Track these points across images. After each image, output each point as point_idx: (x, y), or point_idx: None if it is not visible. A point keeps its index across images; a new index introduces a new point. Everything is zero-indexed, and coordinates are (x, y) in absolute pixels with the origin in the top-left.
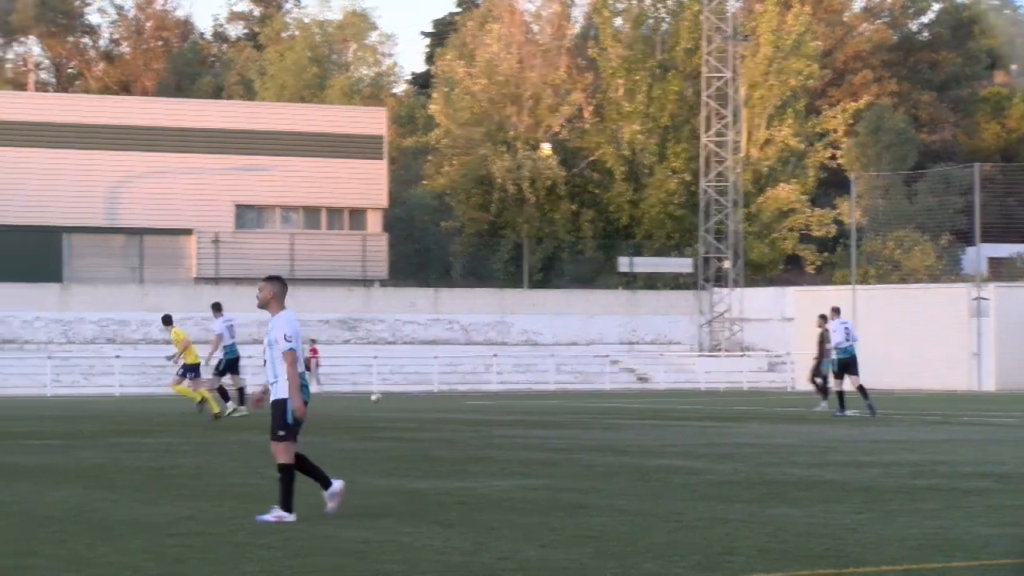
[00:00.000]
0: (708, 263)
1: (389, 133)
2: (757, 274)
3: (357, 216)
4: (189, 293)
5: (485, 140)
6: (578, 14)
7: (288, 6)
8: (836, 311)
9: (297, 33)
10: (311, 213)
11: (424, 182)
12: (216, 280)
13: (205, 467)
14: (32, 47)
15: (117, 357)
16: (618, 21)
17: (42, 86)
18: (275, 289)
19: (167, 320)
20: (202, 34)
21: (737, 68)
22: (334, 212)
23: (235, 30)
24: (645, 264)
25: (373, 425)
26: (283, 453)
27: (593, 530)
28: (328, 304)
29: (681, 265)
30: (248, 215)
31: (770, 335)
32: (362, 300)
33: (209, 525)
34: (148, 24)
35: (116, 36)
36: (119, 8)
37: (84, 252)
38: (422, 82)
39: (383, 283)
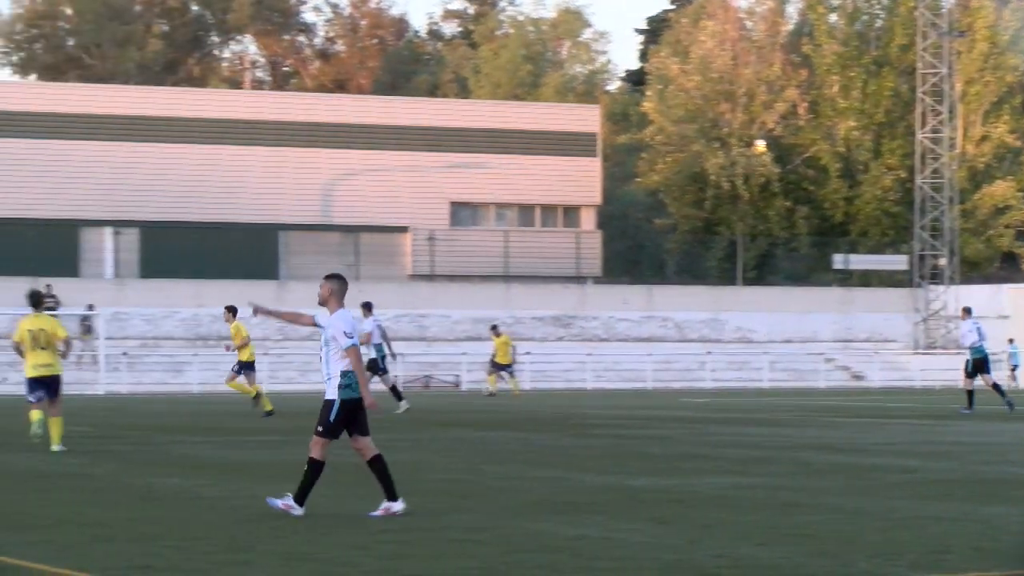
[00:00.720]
0: (923, 260)
1: (603, 130)
2: (972, 271)
3: (571, 213)
4: (404, 290)
5: (699, 137)
6: (792, 10)
7: (503, 4)
8: (967, 311)
9: (511, 31)
10: (525, 210)
11: (638, 179)
12: (431, 277)
13: (420, 463)
14: (248, 46)
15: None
16: (833, 17)
17: (258, 84)
18: (334, 287)
19: (232, 310)
20: (417, 32)
21: (952, 64)
22: (548, 209)
23: (450, 28)
24: (860, 261)
25: (588, 422)
26: (317, 448)
27: (808, 528)
28: (542, 301)
29: (896, 262)
30: (463, 212)
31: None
32: (576, 297)
33: (424, 520)
34: (363, 22)
35: (331, 34)
36: (334, 6)
37: (300, 249)
38: (636, 79)
39: (597, 280)
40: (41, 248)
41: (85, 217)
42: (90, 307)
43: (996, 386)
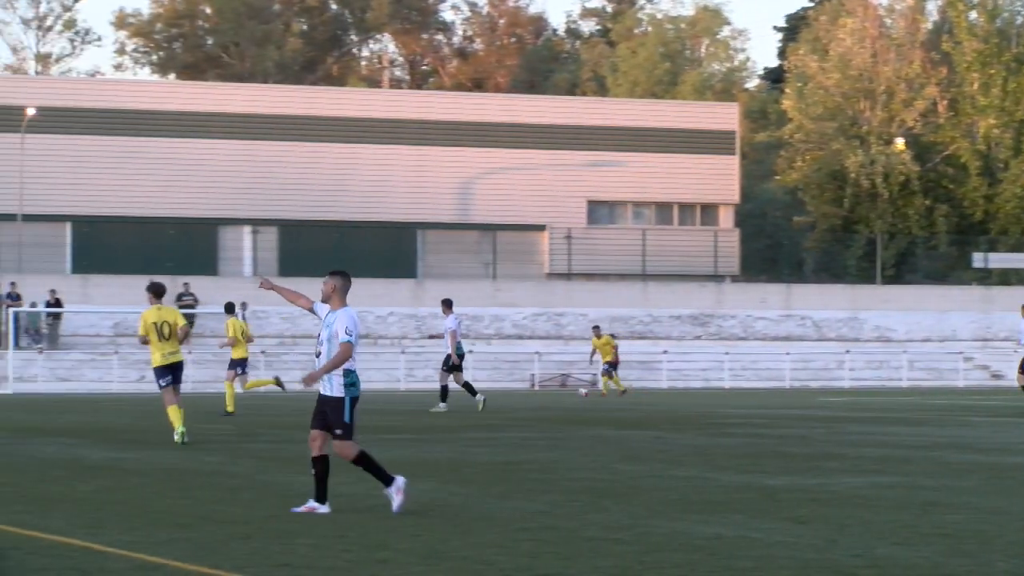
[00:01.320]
0: None
1: (741, 128)
2: None
3: (709, 211)
4: (541, 289)
5: (838, 135)
6: (932, 8)
7: (641, 2)
8: None
9: (649, 29)
10: (663, 209)
11: (776, 177)
12: (568, 276)
13: (558, 461)
14: (387, 45)
15: (470, 352)
16: (973, 14)
17: (396, 83)
18: (338, 283)
19: (230, 308)
20: (555, 31)
21: None
22: (686, 208)
23: (588, 26)
24: (1000, 260)
25: (725, 421)
26: (349, 449)
27: (946, 528)
28: (680, 300)
29: None
30: (600, 211)
31: None
32: (714, 296)
33: (561, 520)
34: (501, 21)
35: (470, 33)
36: (473, 5)
37: (438, 248)
38: (774, 77)
39: (735, 279)
40: (181, 247)
41: (224, 216)
42: (244, 305)
43: None
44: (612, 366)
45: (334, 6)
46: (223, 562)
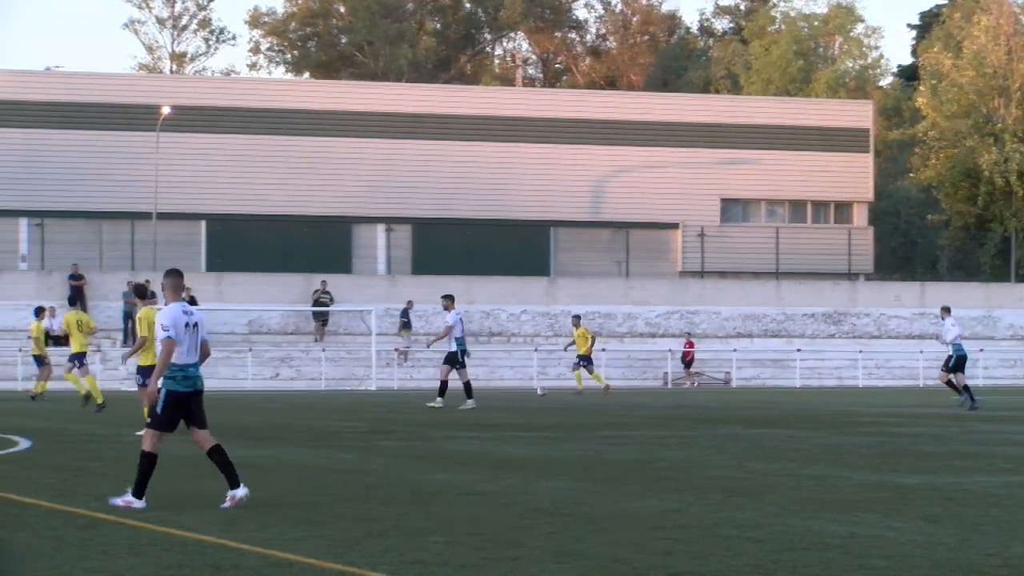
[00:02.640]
0: None
1: (875, 126)
2: None
3: (843, 209)
4: (674, 287)
5: (972, 132)
6: None
7: (774, 0)
8: None
9: (783, 27)
10: (796, 207)
11: (910, 175)
12: (701, 274)
13: (690, 460)
14: (520, 43)
15: (603, 350)
16: None
17: (529, 81)
18: (166, 283)
19: (71, 301)
20: (688, 29)
21: None
22: (819, 205)
23: (721, 24)
24: None
25: (858, 419)
26: (148, 441)
27: None
28: (813, 298)
29: None
30: (733, 209)
31: None
32: (847, 294)
33: (695, 518)
34: (634, 19)
35: (603, 31)
36: (606, 3)
37: (570, 246)
38: (908, 74)
39: (868, 277)
40: (314, 245)
41: (358, 214)
42: (409, 303)
43: None
44: (586, 360)
45: (468, 5)
46: (357, 559)
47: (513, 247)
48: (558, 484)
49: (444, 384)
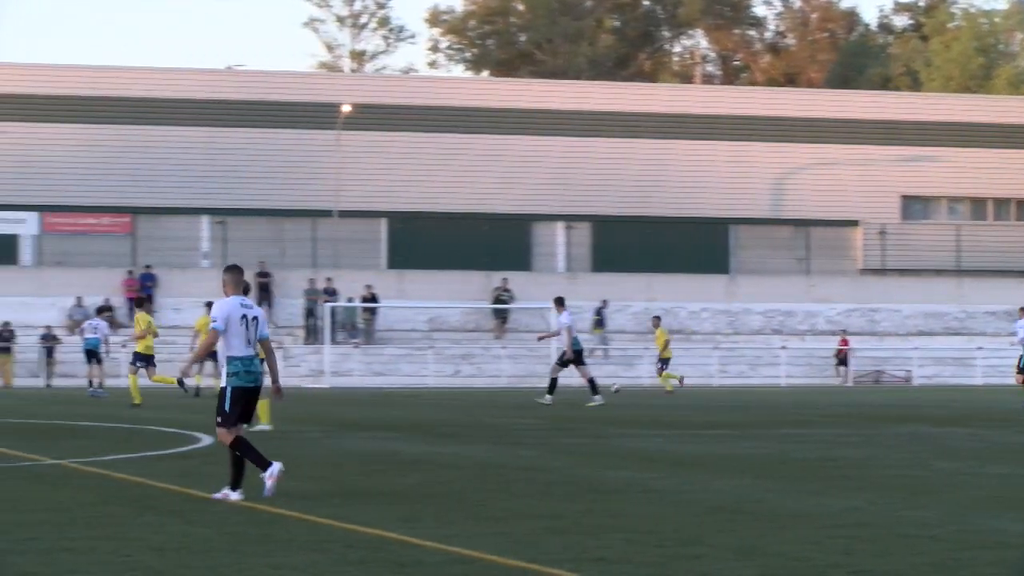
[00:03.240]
0: None
1: None
2: None
3: None
4: (855, 284)
5: None
6: None
7: None
8: None
9: (963, 23)
10: (977, 204)
11: None
12: (882, 271)
13: (872, 458)
14: (699, 40)
15: (783, 348)
16: None
17: (708, 79)
18: (226, 278)
19: (139, 303)
20: (867, 25)
21: None
22: (1001, 203)
23: (900, 21)
24: None
25: None
26: (223, 437)
27: None
28: (995, 296)
29: None
30: (914, 206)
31: None
32: None
33: (876, 516)
34: (813, 16)
35: (782, 28)
36: (785, 0)
37: (750, 244)
38: None
39: None
40: (494, 242)
41: (538, 212)
42: (604, 302)
43: None
44: (663, 362)
45: (646, 2)
46: (539, 556)
47: (693, 244)
48: (738, 482)
49: (592, 382)
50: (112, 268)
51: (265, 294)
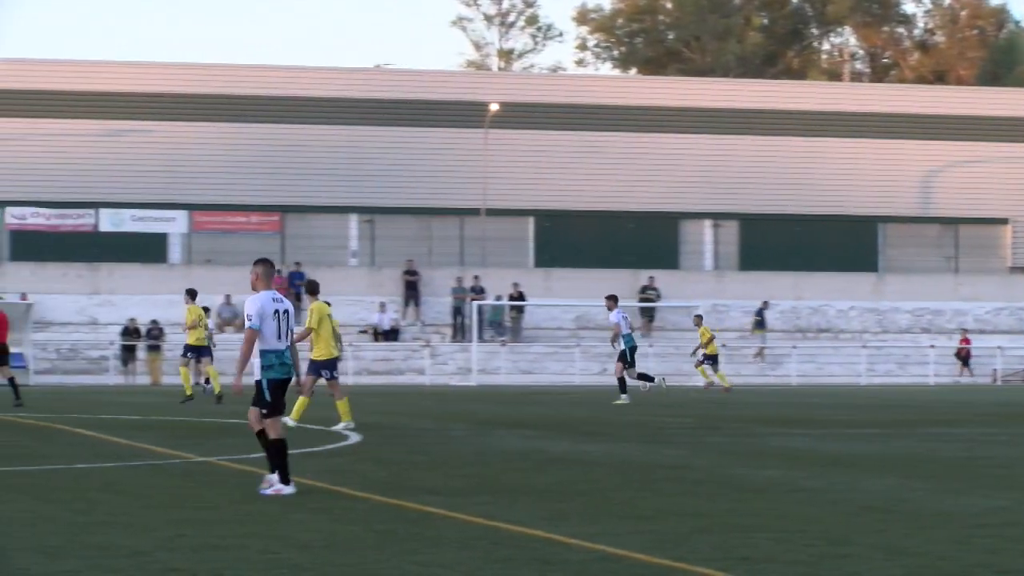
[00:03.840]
0: None
1: None
2: None
3: None
4: (1004, 283)
5: None
6: None
7: None
8: None
9: None
10: None
11: None
12: None
13: (1019, 458)
14: (847, 38)
15: (931, 347)
16: None
17: (856, 76)
18: (259, 271)
19: (192, 295)
20: (1017, 23)
21: None
22: None
23: None
24: None
25: None
26: (268, 427)
27: None
28: None
29: None
30: None
31: None
32: None
33: (1022, 516)
34: (963, 13)
35: (931, 26)
36: None
37: (898, 242)
38: None
39: None
40: (641, 241)
41: (685, 210)
42: (765, 303)
43: None
44: (712, 359)
45: (795, 0)
46: (686, 555)
47: (841, 243)
48: (886, 481)
49: (622, 380)
50: None
51: (412, 292)
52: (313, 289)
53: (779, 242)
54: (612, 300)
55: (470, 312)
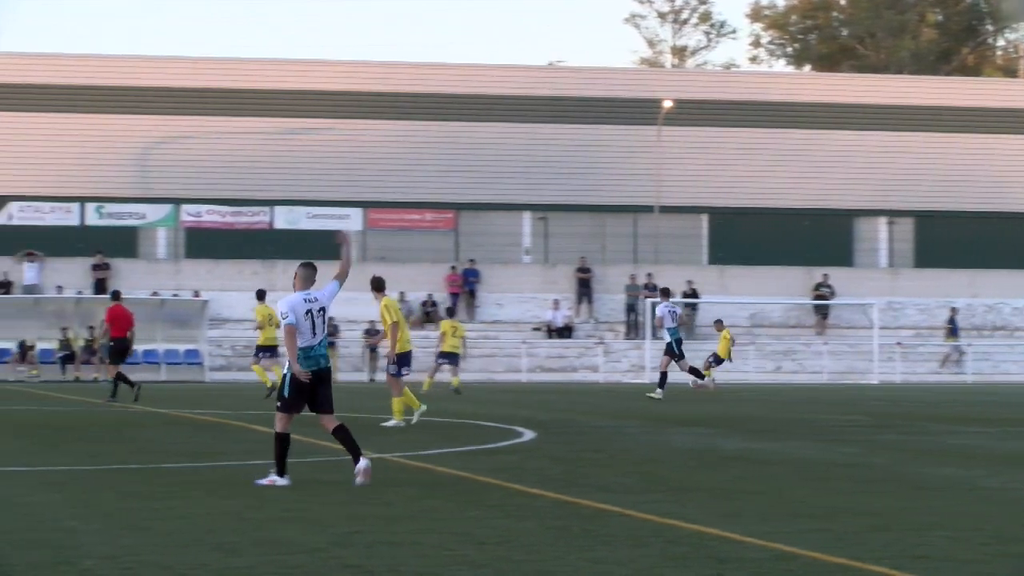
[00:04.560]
0: None
1: None
2: None
3: None
4: None
5: None
6: None
7: None
8: None
9: None
10: None
11: None
12: None
13: None
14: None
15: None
16: None
17: None
18: (299, 273)
19: (260, 295)
20: None
21: None
22: None
23: None
24: None
25: None
26: (278, 423)
27: None
28: None
29: None
30: None
31: None
32: None
33: None
34: None
35: None
36: None
37: None
38: None
39: None
40: (815, 238)
41: (859, 207)
42: (954, 311)
43: None
44: (718, 360)
45: None
46: (861, 554)
47: (1019, 240)
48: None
49: (664, 375)
50: (434, 264)
51: (585, 290)
52: (380, 286)
53: (955, 239)
54: (664, 294)
55: (643, 309)
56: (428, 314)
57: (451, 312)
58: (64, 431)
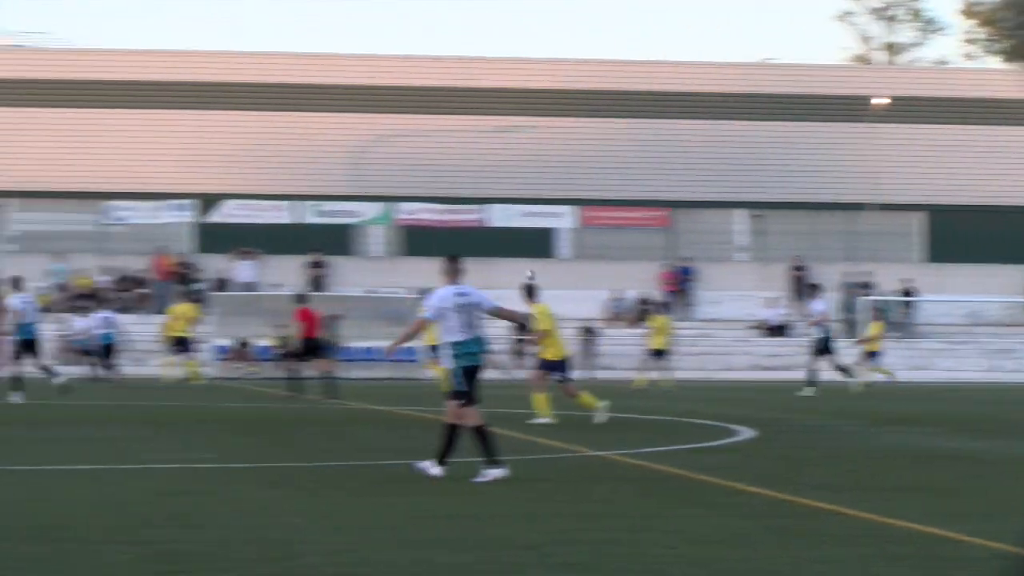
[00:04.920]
0: None
1: None
2: None
3: None
4: None
5: None
6: None
7: None
8: None
9: None
10: None
11: None
12: None
13: None
14: None
15: None
16: None
17: None
18: (443, 267)
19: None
20: None
21: None
22: None
23: None
24: None
25: None
26: (451, 414)
27: None
28: None
29: None
30: None
31: None
32: None
33: None
34: None
35: None
36: None
37: None
38: None
39: None
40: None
41: None
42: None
43: None
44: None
45: None
46: None
47: None
48: None
49: (814, 374)
50: (649, 261)
51: (800, 287)
52: (533, 293)
53: None
54: (815, 290)
55: (859, 307)
56: (644, 312)
57: (663, 309)
58: (286, 427)
